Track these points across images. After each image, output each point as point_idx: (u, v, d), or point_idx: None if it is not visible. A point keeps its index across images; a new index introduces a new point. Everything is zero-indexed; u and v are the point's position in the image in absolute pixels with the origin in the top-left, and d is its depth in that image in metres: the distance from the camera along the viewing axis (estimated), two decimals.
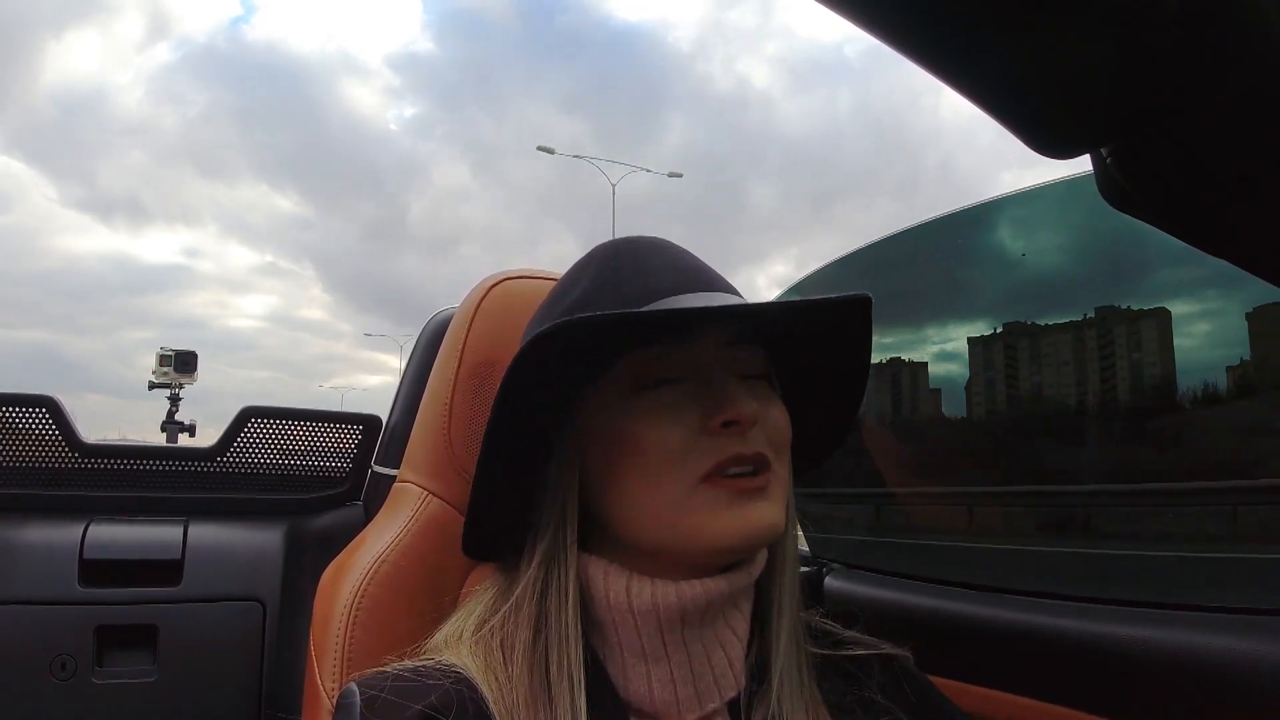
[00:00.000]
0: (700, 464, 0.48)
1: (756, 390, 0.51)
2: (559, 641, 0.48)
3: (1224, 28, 0.33)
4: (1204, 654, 0.60)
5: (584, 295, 0.53)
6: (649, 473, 0.49)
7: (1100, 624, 0.68)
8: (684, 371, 0.50)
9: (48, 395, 1.25)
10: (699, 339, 0.50)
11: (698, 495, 0.48)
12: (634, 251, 0.55)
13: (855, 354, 0.55)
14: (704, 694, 0.49)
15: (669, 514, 0.48)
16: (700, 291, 0.51)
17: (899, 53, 0.36)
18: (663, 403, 0.50)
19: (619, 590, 0.49)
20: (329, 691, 0.58)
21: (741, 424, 0.48)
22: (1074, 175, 0.79)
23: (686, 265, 0.54)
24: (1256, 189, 0.37)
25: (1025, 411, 0.98)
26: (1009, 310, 0.97)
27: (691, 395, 0.50)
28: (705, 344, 0.50)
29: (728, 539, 0.48)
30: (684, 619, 0.49)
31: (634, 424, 0.49)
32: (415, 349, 1.12)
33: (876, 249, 1.06)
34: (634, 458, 0.49)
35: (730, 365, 0.51)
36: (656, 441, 0.49)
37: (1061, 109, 0.38)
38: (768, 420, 0.51)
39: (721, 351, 0.51)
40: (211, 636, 1.16)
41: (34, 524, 1.18)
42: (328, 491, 1.35)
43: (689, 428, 0.49)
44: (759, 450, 0.49)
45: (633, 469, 0.49)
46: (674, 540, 0.49)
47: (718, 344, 0.51)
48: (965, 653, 0.76)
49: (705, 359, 0.50)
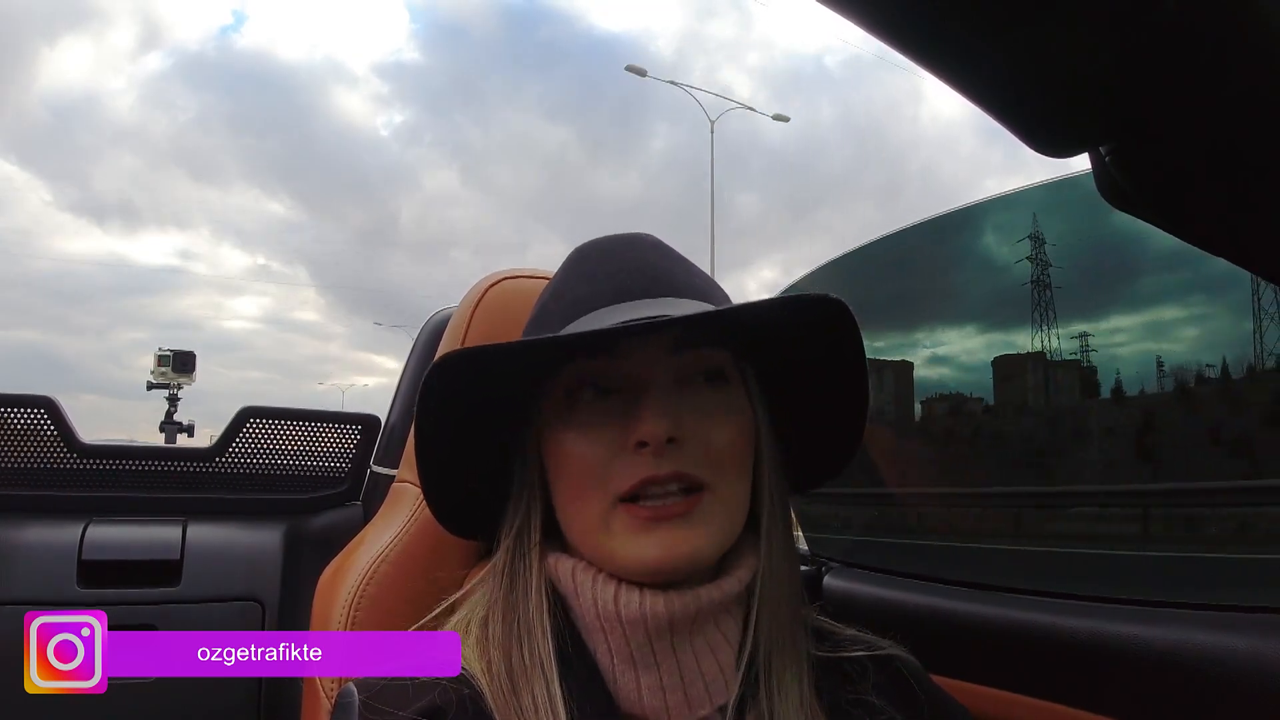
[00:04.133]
0: (619, 484, 0.48)
1: (701, 400, 0.50)
2: (527, 631, 0.49)
3: (1223, 28, 0.33)
4: (1202, 653, 0.60)
5: (543, 301, 0.56)
6: (576, 486, 0.50)
7: (1099, 622, 0.68)
8: (618, 382, 0.50)
9: (45, 395, 1.25)
10: (630, 351, 0.49)
11: (616, 517, 0.48)
12: (600, 254, 0.55)
13: (843, 356, 0.54)
14: (694, 700, 0.49)
15: (591, 532, 0.49)
16: (638, 299, 0.51)
17: (899, 52, 0.36)
18: (590, 416, 0.50)
19: (607, 599, 0.49)
20: (328, 692, 0.58)
21: (650, 445, 0.47)
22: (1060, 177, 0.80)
23: (644, 265, 0.53)
24: (1254, 188, 0.37)
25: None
26: (1000, 312, 0.97)
27: (617, 409, 0.49)
28: (640, 355, 0.49)
29: (640, 565, 0.48)
30: (673, 628, 0.49)
31: (565, 435, 0.50)
32: (414, 349, 1.12)
33: (865, 252, 1.07)
34: (565, 470, 0.50)
35: (673, 370, 0.50)
36: (580, 457, 0.49)
37: (1060, 108, 0.38)
38: (707, 433, 0.49)
39: (664, 358, 0.50)
40: None
41: (33, 524, 1.18)
42: (326, 491, 1.35)
43: (610, 445, 0.49)
44: (676, 470, 0.47)
45: (565, 479, 0.50)
46: (596, 558, 0.50)
47: (654, 356, 0.49)
48: (964, 651, 0.76)
49: (637, 369, 0.49)
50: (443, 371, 0.50)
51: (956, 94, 0.38)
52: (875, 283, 1.10)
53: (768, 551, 0.52)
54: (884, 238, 1.05)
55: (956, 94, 0.38)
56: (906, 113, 68.76)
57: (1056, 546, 0.91)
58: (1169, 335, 0.80)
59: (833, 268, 1.11)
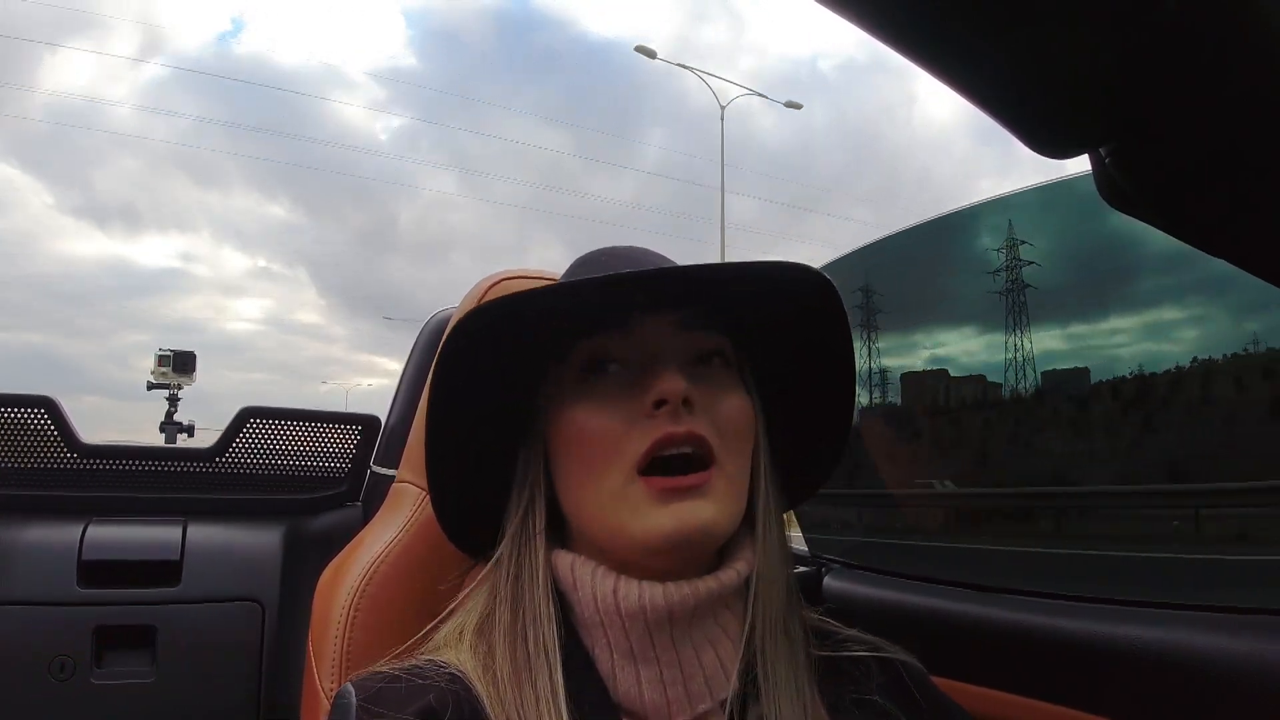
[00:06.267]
0: (635, 448, 0.48)
1: (709, 375, 0.51)
2: (534, 620, 0.49)
3: (1224, 27, 0.33)
4: (1202, 653, 0.60)
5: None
6: (590, 461, 0.50)
7: (1099, 623, 0.68)
8: (628, 356, 0.51)
9: (46, 396, 1.25)
10: (640, 325, 0.51)
11: (632, 490, 0.48)
12: (607, 254, 0.56)
13: (831, 340, 0.55)
14: (694, 695, 0.49)
15: (605, 509, 0.49)
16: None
17: (899, 53, 0.36)
18: (605, 389, 0.50)
19: (606, 591, 0.49)
20: (327, 692, 0.58)
21: (669, 402, 0.48)
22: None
23: (646, 260, 0.55)
24: (1255, 189, 0.37)
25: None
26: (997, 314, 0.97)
27: (632, 380, 0.50)
28: (651, 329, 0.51)
29: (653, 538, 0.48)
30: (672, 620, 0.49)
31: (577, 412, 0.50)
32: (414, 349, 1.12)
33: (864, 253, 1.07)
34: (578, 445, 0.50)
35: (680, 349, 0.51)
36: (596, 428, 0.49)
37: (1061, 109, 0.38)
38: (713, 404, 0.50)
39: (671, 337, 0.51)
40: (210, 637, 1.16)
41: (33, 524, 1.18)
42: (327, 492, 1.35)
43: (626, 414, 0.49)
44: (692, 430, 0.48)
45: (578, 457, 0.50)
46: (607, 535, 0.49)
47: (661, 328, 0.51)
48: (964, 652, 0.76)
49: (647, 344, 0.51)
50: (480, 316, 0.50)
51: (957, 95, 0.38)
52: (876, 284, 1.10)
53: (763, 547, 0.52)
54: (883, 239, 1.06)
55: (957, 95, 0.38)
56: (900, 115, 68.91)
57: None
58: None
59: (834, 269, 1.11)
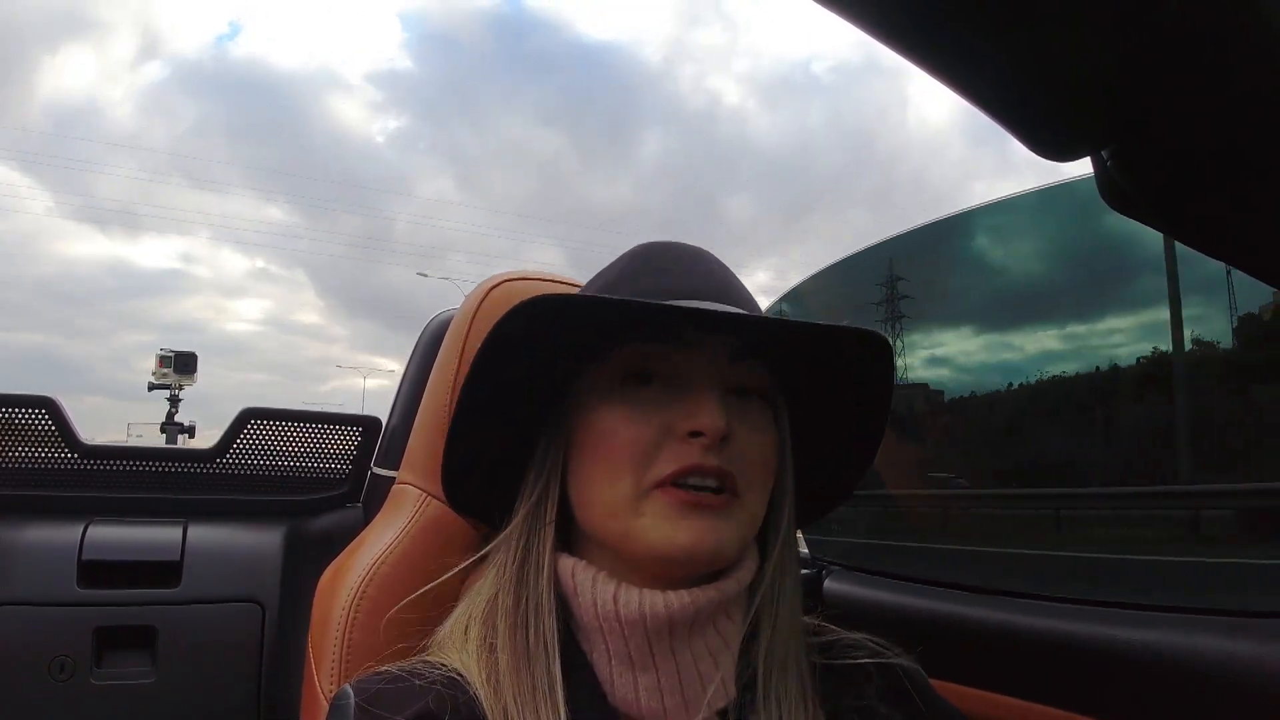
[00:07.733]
0: (661, 468, 0.48)
1: (746, 411, 0.51)
2: (535, 609, 0.49)
3: (1225, 28, 0.33)
4: (1204, 656, 0.60)
5: (604, 283, 0.55)
6: (611, 465, 0.49)
7: (1099, 626, 0.68)
8: (671, 373, 0.50)
9: (47, 396, 1.25)
10: (696, 347, 0.50)
11: (651, 498, 0.48)
12: (666, 252, 0.55)
13: (869, 389, 0.54)
14: (692, 704, 0.48)
15: (620, 512, 0.49)
16: (712, 302, 0.51)
17: (900, 54, 0.36)
18: (642, 400, 0.50)
19: (606, 598, 0.49)
20: (327, 693, 0.58)
21: (707, 436, 0.47)
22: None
23: (713, 274, 0.54)
24: (1256, 190, 0.37)
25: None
26: (996, 315, 0.98)
27: (671, 398, 0.49)
28: (703, 353, 0.50)
29: (666, 549, 0.47)
30: (672, 628, 0.48)
31: (611, 415, 0.50)
32: (415, 351, 1.12)
33: (865, 256, 1.07)
34: (603, 448, 0.50)
35: (723, 378, 0.50)
36: (625, 437, 0.49)
37: (1062, 111, 0.38)
38: (746, 443, 0.50)
39: (718, 364, 0.50)
40: (210, 638, 1.16)
41: (33, 525, 1.18)
42: (327, 493, 1.35)
43: (660, 430, 0.49)
44: (721, 466, 0.48)
45: (600, 459, 0.50)
46: (619, 539, 0.49)
47: (715, 357, 0.50)
48: (965, 655, 0.76)
49: (697, 366, 0.50)
50: (534, 306, 0.48)
51: (958, 97, 0.38)
52: (875, 287, 1.10)
53: (777, 563, 0.52)
54: (884, 241, 1.06)
55: (958, 97, 0.38)
56: (894, 118, 69.18)
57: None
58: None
59: (834, 270, 1.11)
